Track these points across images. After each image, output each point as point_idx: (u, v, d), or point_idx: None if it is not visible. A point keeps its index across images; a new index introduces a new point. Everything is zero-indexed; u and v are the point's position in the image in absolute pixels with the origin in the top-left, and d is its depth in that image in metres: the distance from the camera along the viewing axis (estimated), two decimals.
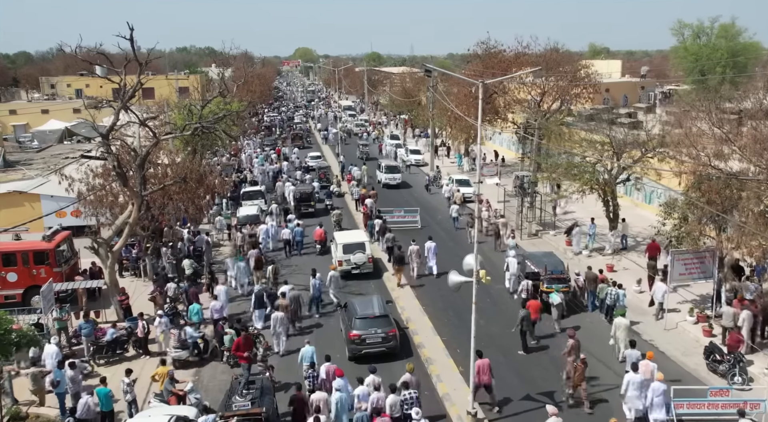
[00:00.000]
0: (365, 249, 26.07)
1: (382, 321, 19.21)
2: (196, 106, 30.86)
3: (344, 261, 25.81)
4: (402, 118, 78.80)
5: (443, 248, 29.83)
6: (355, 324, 19.04)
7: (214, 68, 75.66)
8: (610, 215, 28.36)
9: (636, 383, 15.20)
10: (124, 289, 21.80)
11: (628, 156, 27.80)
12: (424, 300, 24.02)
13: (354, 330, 18.92)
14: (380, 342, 18.85)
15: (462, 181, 40.26)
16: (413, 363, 17.45)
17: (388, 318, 19.57)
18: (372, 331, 18.82)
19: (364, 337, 18.76)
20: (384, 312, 19.65)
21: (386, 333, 18.91)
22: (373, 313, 19.30)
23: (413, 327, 21.57)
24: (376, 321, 19.08)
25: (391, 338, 18.98)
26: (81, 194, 24.95)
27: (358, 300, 21.02)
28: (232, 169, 45.70)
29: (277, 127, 75.47)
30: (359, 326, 18.93)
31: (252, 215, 32.07)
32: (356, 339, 18.79)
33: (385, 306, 20.40)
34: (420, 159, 53.42)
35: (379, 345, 18.86)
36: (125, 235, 21.06)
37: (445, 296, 23.65)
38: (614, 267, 25.90)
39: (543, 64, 45.51)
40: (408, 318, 22.28)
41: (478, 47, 48.15)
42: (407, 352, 19.77)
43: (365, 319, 19.05)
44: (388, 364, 18.54)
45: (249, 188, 38.24)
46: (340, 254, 26.05)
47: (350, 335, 18.94)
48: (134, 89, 19.96)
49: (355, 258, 25.81)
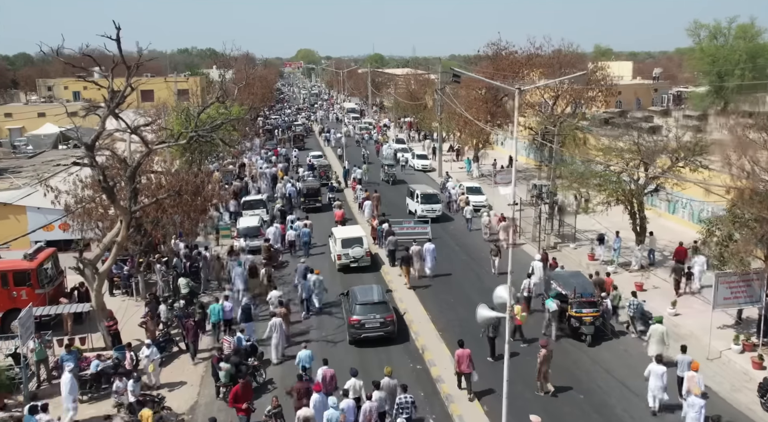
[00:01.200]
0: (363, 244, 27.10)
1: (381, 307, 20.24)
2: (194, 111, 28.80)
3: (343, 255, 26.89)
4: (406, 121, 76.92)
5: (458, 263, 28.06)
6: (355, 309, 20.08)
7: (216, 70, 73.76)
8: (636, 228, 26.39)
9: (657, 373, 15.60)
10: (112, 313, 19.86)
11: (657, 165, 25.86)
12: (425, 298, 24.50)
13: (354, 315, 19.96)
14: (379, 326, 19.96)
15: (473, 189, 38.30)
16: (408, 347, 20.00)
17: (387, 305, 20.64)
18: (371, 317, 19.90)
19: (363, 322, 19.85)
20: (383, 299, 20.66)
21: (384, 318, 20.00)
22: (372, 300, 20.32)
23: (410, 317, 22.56)
24: (375, 307, 20.13)
25: (389, 323, 20.06)
26: (68, 207, 23.10)
27: (359, 287, 21.82)
28: (233, 175, 43.82)
29: (279, 130, 73.65)
30: (359, 312, 19.98)
31: (253, 227, 30.13)
32: (356, 324, 19.88)
33: (384, 294, 21.37)
34: (427, 164, 51.49)
35: (378, 330, 19.97)
36: (113, 255, 19.15)
37: (438, 292, 25.09)
38: (644, 286, 23.97)
39: (556, 65, 43.75)
40: (405, 310, 23.17)
41: (488, 48, 46.29)
42: (404, 337, 20.85)
43: (365, 305, 20.10)
44: (385, 348, 19.97)
45: (250, 197, 36.29)
46: (338, 248, 27.08)
47: (350, 320, 20.01)
48: (122, 95, 18.04)
49: (353, 252, 26.78)
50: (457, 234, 33.30)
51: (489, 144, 47.17)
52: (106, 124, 19.49)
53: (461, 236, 32.93)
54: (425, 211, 33.97)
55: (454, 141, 54.13)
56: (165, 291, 23.94)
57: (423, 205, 34.30)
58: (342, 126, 64.81)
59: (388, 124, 78.96)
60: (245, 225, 30.16)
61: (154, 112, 41.63)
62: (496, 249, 26.30)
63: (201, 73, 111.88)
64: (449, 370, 18.06)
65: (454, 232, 33.60)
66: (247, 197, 36.28)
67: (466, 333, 18.99)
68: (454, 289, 25.40)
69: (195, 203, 24.34)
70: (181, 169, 27.47)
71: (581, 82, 42.51)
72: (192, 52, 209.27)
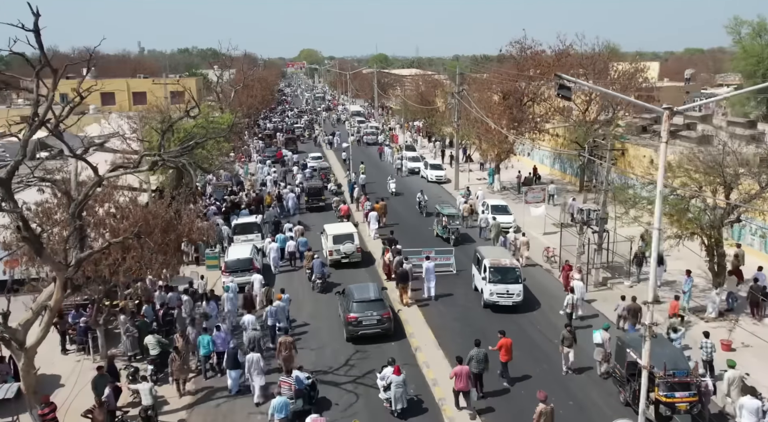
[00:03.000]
0: (353, 240, 27.65)
1: (377, 304, 20.41)
2: (160, 128, 23.46)
3: (334, 251, 27.37)
4: (415, 125, 71.95)
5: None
6: (352, 307, 20.26)
7: (216, 70, 68.88)
8: (714, 267, 21.47)
9: (753, 408, 13.82)
10: (47, 399, 14.92)
11: (741, 189, 20.96)
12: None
13: (351, 312, 20.14)
14: (375, 324, 20.13)
15: (499, 208, 33.31)
16: (403, 344, 20.27)
17: (383, 302, 20.82)
18: (368, 314, 20.08)
19: (360, 319, 20.02)
20: (379, 296, 20.84)
21: (381, 315, 20.16)
22: (369, 297, 20.44)
23: (404, 316, 22.42)
24: (371, 304, 20.29)
25: (386, 320, 20.25)
26: (7, 245, 18.30)
27: (355, 286, 21.96)
28: (226, 189, 38.94)
29: (282, 133, 68.94)
30: (356, 309, 20.16)
31: (244, 259, 25.18)
32: (353, 321, 20.07)
33: (380, 291, 21.69)
34: (442, 175, 46.51)
35: (375, 327, 20.14)
36: (45, 324, 14.24)
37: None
38: (732, 345, 19.06)
39: (590, 66, 38.83)
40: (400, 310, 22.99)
41: (512, 47, 41.25)
42: (400, 335, 20.95)
43: (362, 303, 20.28)
44: (381, 345, 20.10)
45: (242, 220, 30.93)
46: (330, 244, 27.58)
47: (348, 317, 20.20)
48: (50, 105, 13.25)
49: (344, 248, 27.36)
50: None
51: (513, 154, 42.11)
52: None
53: None
54: (497, 294, 22.34)
55: (471, 149, 49.21)
56: (129, 350, 19.11)
57: (495, 285, 22.29)
58: (346, 128, 60.06)
59: (393, 126, 73.75)
60: (234, 258, 25.22)
61: (140, 120, 37.01)
62: (570, 337, 18.05)
63: (200, 73, 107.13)
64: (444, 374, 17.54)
65: None
66: (239, 219, 31.08)
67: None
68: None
69: (166, 241, 19.37)
70: (152, 200, 22.66)
71: (620, 87, 37.71)
72: (192, 51, 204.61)
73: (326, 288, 25.02)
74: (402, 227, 33.57)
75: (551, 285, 25.26)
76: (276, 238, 28.30)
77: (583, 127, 37.97)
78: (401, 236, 29.91)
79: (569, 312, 21.13)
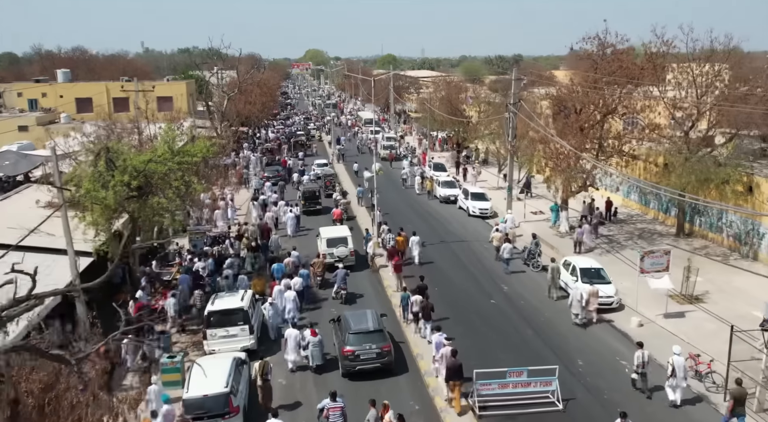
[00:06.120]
0: (347, 243, 27.21)
1: (377, 336, 18.36)
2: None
3: (328, 254, 26.57)
4: (442, 137, 61.86)
5: None
6: (348, 339, 18.24)
7: (216, 72, 59.27)
8: None
9: None
10: None
11: None
12: None
13: (347, 345, 18.11)
14: (375, 357, 18.09)
15: (592, 272, 23.23)
16: (409, 378, 18.06)
17: (383, 333, 18.69)
18: (366, 347, 18.04)
19: (358, 353, 17.97)
20: (378, 326, 18.74)
21: (381, 348, 18.13)
22: (367, 328, 18.50)
23: None
24: (370, 336, 18.27)
25: (386, 354, 18.23)
26: None
27: (351, 313, 19.99)
28: (207, 237, 28.86)
29: (285, 146, 59.36)
30: (353, 341, 18.13)
31: (214, 396, 15.07)
32: (350, 355, 18.01)
33: (380, 320, 19.32)
34: (487, 208, 36.22)
35: (374, 361, 18.11)
36: None
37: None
38: None
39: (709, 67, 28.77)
40: None
41: (587, 43, 30.92)
42: (402, 368, 18.80)
43: (359, 334, 18.26)
44: (382, 381, 17.96)
45: (220, 304, 19.81)
46: (324, 247, 27.12)
47: (344, 351, 18.15)
48: None
49: (337, 252, 26.79)
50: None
51: (593, 187, 31.81)
52: None
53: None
54: None
55: (524, 171, 39.02)
56: None
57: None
58: (374, 159, 50.68)
59: (422, 141, 63.39)
60: (198, 395, 15.04)
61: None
62: None
63: (194, 75, 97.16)
64: None
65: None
66: (215, 305, 19.82)
67: None
68: None
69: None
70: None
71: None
72: (193, 52, 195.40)
73: (349, 299, 23.83)
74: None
75: None
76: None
77: (688, 152, 27.96)
78: None
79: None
